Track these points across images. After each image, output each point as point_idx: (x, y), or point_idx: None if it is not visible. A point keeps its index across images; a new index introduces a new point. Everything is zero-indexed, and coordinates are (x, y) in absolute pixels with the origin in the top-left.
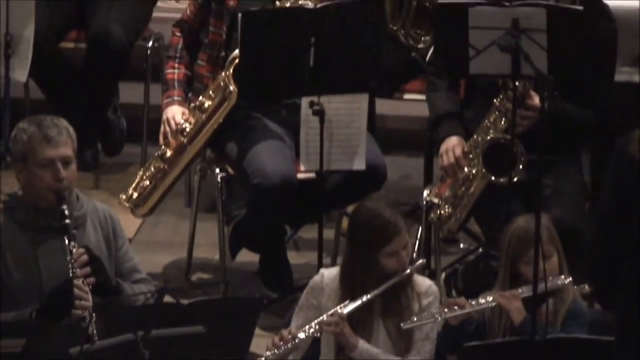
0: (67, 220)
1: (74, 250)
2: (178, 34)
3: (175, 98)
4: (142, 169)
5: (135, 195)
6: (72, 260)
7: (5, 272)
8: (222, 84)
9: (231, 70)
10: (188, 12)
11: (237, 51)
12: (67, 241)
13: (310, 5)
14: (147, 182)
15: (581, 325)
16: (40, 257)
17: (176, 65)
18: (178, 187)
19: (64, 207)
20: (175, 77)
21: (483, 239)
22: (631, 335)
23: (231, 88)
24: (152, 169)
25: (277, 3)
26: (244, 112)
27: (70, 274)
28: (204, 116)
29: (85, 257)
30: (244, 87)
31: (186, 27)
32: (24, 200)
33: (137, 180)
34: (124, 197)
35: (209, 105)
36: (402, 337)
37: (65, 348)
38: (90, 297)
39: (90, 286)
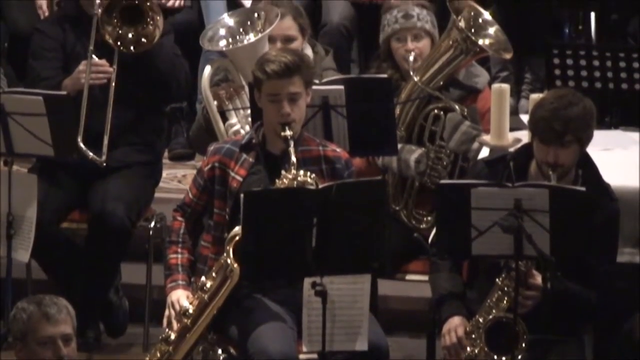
0: None
1: None
2: (180, 218)
3: (180, 282)
4: (148, 355)
5: None
6: None
7: None
8: (223, 263)
9: (232, 248)
10: (190, 195)
11: (237, 228)
12: None
13: (311, 182)
14: None
15: None
16: None
17: (179, 249)
18: None
19: None
20: (179, 261)
21: None
22: None
23: (229, 262)
24: (158, 354)
25: (277, 182)
26: (245, 292)
27: None
28: (206, 297)
29: None
30: (245, 267)
31: (188, 210)
32: None
33: None
34: None
35: (211, 285)
36: None
37: None
38: None
39: None
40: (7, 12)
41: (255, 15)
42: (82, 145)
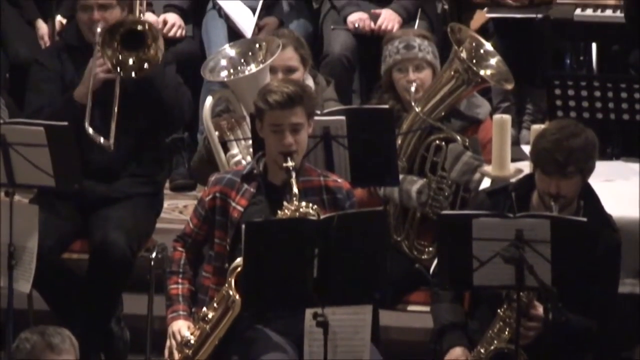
0: None
1: None
2: (180, 248)
3: (181, 312)
4: None
5: None
6: None
7: None
8: (225, 294)
9: (233, 279)
10: (191, 225)
11: (238, 260)
12: None
13: (313, 213)
14: None
15: None
16: None
17: (180, 280)
18: None
19: None
20: (180, 292)
21: None
22: None
23: (231, 293)
24: None
25: (279, 213)
26: (246, 323)
27: None
28: (207, 327)
29: None
30: (247, 298)
31: (189, 240)
32: None
33: None
34: None
35: (212, 316)
36: None
37: None
38: None
39: None
40: (8, 42)
41: (257, 45)
42: (90, 130)
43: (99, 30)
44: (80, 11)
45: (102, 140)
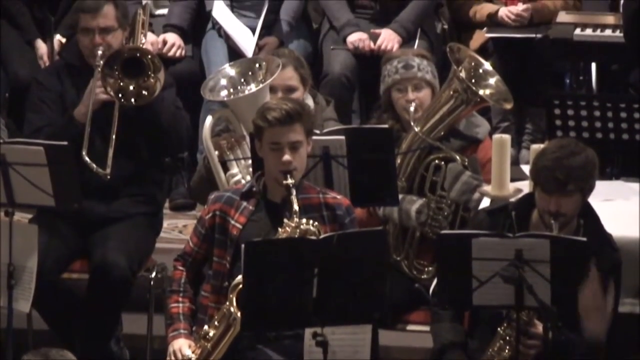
0: None
1: None
2: (180, 267)
3: (182, 331)
4: None
5: None
6: None
7: None
8: (226, 311)
9: (234, 297)
10: (191, 244)
11: (239, 277)
12: None
13: (314, 230)
14: None
15: None
16: None
17: (180, 299)
18: None
19: None
20: (180, 310)
21: None
22: None
23: (232, 310)
24: None
25: (280, 230)
26: (247, 343)
27: None
28: (208, 345)
29: None
30: (246, 318)
31: (189, 259)
32: None
33: None
34: None
35: (214, 334)
36: None
37: None
38: None
39: None
40: (8, 62)
41: (257, 65)
42: (86, 158)
43: (99, 53)
44: (81, 34)
45: (97, 168)
